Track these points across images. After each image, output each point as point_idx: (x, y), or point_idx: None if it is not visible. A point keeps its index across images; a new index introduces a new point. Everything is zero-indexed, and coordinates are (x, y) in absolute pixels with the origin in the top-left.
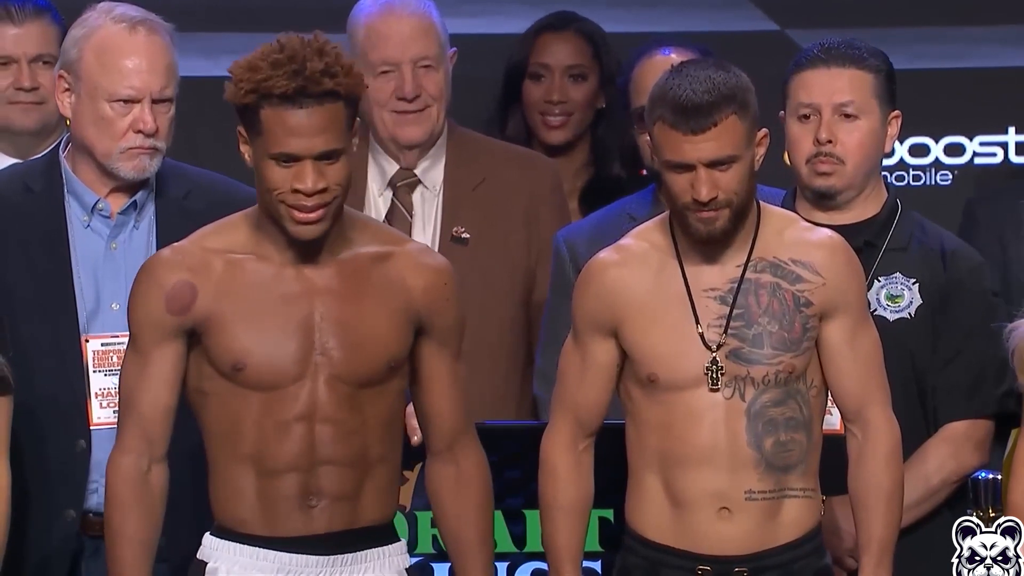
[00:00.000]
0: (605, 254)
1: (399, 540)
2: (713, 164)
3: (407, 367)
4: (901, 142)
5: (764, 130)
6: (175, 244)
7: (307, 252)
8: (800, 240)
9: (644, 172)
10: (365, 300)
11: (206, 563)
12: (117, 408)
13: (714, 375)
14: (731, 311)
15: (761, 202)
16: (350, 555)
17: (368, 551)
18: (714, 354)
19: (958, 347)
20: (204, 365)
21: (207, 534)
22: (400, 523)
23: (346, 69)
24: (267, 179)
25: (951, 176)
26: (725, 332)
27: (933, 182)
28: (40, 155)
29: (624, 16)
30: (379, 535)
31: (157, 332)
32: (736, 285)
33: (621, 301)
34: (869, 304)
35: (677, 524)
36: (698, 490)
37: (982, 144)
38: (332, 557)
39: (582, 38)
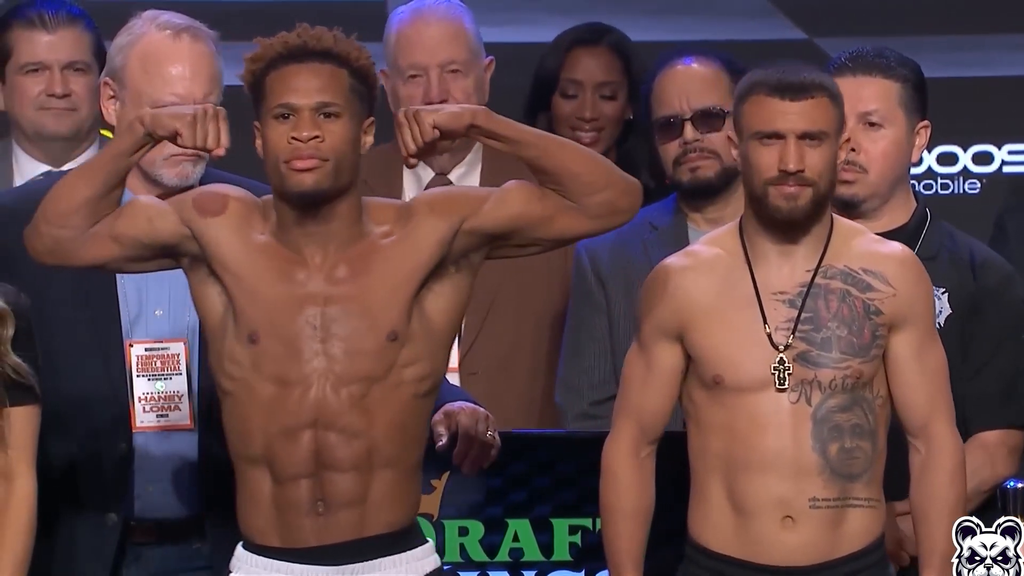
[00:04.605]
0: (673, 259)
1: (421, 544)
2: (804, 137)
3: (421, 369)
4: (929, 151)
5: (848, 136)
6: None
7: (320, 243)
8: (871, 251)
9: (668, 182)
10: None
11: (230, 571)
12: (160, 413)
13: (781, 375)
14: (799, 314)
15: (833, 214)
16: (360, 564)
17: (381, 559)
18: (781, 353)
19: (989, 356)
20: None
21: (239, 545)
22: (428, 532)
23: (353, 42)
24: (268, 142)
25: (979, 185)
26: (793, 334)
27: (961, 191)
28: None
29: (654, 25)
30: (392, 542)
31: None
32: (806, 289)
33: (689, 305)
34: None
35: (740, 533)
36: (762, 497)
37: (1010, 152)
38: (343, 567)
39: (613, 53)
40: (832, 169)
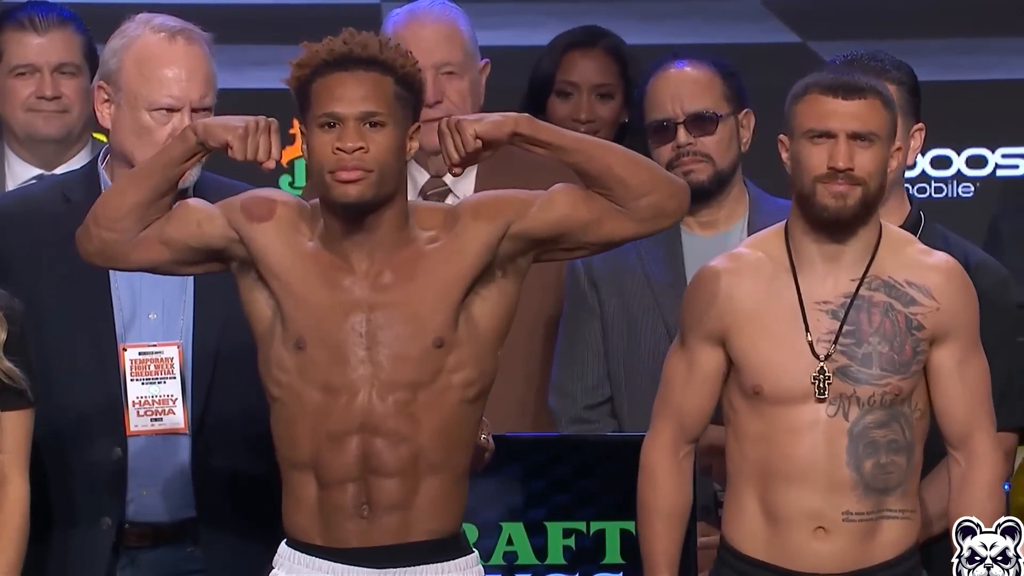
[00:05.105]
0: (718, 261)
1: (466, 554)
2: (854, 137)
3: (468, 374)
4: (923, 154)
5: (900, 145)
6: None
7: (367, 250)
8: (917, 262)
9: None
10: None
11: (272, 567)
12: (154, 416)
13: (821, 385)
14: (841, 326)
15: (882, 221)
16: (402, 569)
17: (424, 567)
18: (822, 363)
19: None
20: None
21: (282, 542)
22: None
23: (399, 49)
24: (314, 151)
25: (973, 188)
26: (834, 345)
27: (955, 194)
28: (79, 166)
29: (648, 28)
30: (436, 550)
31: None
32: (849, 300)
33: (732, 309)
34: None
35: (773, 540)
36: (794, 508)
37: (1004, 156)
38: (385, 571)
39: (609, 55)
40: (882, 172)
